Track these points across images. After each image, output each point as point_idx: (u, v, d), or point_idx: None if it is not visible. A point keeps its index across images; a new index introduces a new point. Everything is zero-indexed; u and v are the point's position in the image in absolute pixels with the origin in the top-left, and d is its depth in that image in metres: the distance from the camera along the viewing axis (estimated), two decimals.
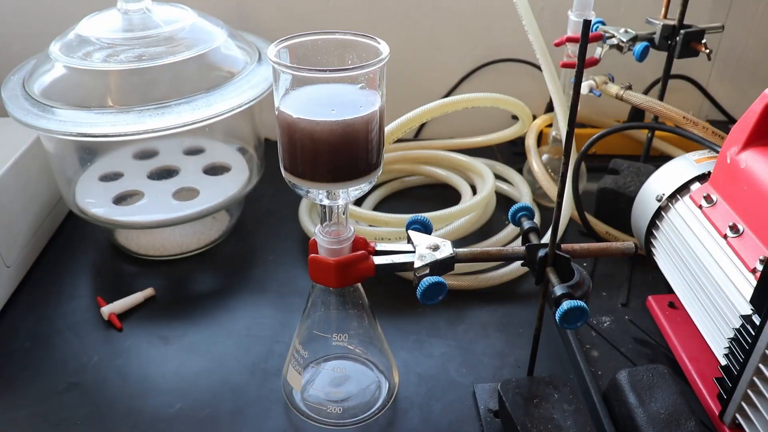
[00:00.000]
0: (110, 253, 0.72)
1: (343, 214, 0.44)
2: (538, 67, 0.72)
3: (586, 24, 0.36)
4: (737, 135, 0.51)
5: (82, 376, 0.56)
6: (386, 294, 0.65)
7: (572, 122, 0.39)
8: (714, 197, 0.54)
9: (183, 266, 0.70)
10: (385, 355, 0.53)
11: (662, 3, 0.71)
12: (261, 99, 0.63)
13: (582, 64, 0.37)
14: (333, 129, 0.39)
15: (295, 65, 0.38)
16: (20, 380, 0.56)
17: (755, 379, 0.45)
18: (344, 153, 0.40)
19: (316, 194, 0.42)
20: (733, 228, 0.50)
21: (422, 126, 0.92)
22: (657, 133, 0.81)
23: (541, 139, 0.84)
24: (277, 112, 0.41)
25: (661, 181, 0.60)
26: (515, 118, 0.78)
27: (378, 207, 0.79)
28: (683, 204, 0.57)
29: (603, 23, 0.70)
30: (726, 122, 0.93)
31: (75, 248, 0.72)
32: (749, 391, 0.45)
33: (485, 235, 0.72)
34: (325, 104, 0.39)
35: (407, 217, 0.49)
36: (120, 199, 0.69)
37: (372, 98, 0.40)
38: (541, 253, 0.45)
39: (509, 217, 0.51)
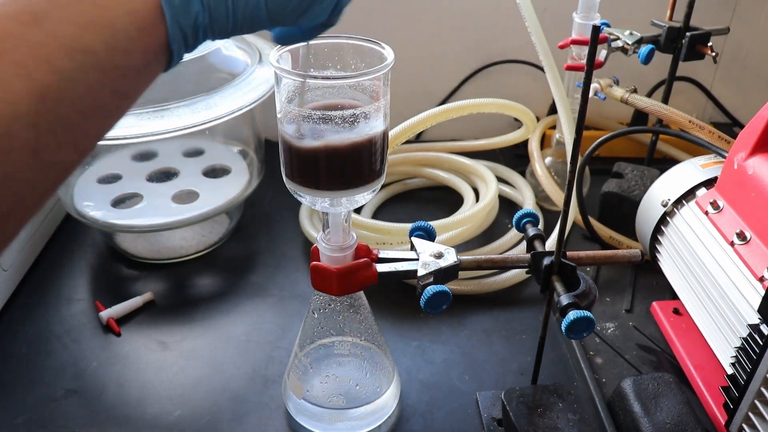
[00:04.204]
0: (108, 256, 0.71)
1: (346, 221, 0.44)
2: (541, 69, 0.71)
3: (595, 30, 0.35)
4: (745, 141, 0.51)
5: (80, 382, 0.55)
6: (387, 299, 0.64)
7: (580, 130, 0.38)
8: (720, 203, 0.53)
9: (182, 270, 0.69)
10: (388, 362, 0.52)
11: (667, 5, 0.70)
12: (262, 101, 0.62)
13: (590, 72, 0.36)
14: (336, 147, 0.38)
15: (297, 71, 0.38)
16: (17, 386, 0.55)
17: (762, 389, 0.44)
18: (347, 163, 0.39)
19: (318, 202, 0.41)
20: (740, 235, 0.49)
21: None
22: (661, 135, 0.81)
23: (544, 141, 0.84)
24: (278, 123, 0.40)
25: (666, 186, 0.60)
26: (518, 120, 0.78)
27: (379, 210, 0.79)
28: (689, 210, 0.56)
29: (608, 25, 0.69)
30: (730, 125, 0.93)
31: (73, 251, 0.71)
32: (756, 402, 0.45)
33: (488, 239, 0.72)
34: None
35: (409, 226, 0.49)
36: (118, 202, 0.68)
37: (376, 114, 0.39)
38: (547, 261, 0.45)
39: (513, 223, 0.50)
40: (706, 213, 0.54)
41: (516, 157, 0.87)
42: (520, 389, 0.50)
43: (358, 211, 0.75)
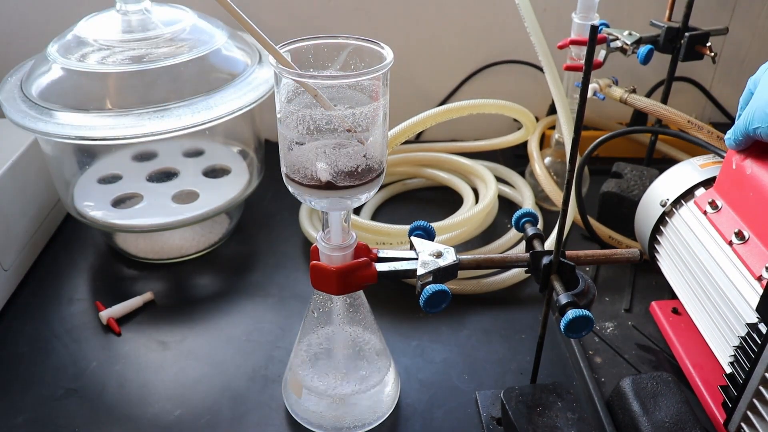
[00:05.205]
0: (109, 256, 0.71)
1: (345, 221, 0.44)
2: (541, 69, 0.71)
3: (594, 30, 0.35)
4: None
5: (80, 382, 0.55)
6: (387, 298, 0.65)
7: (578, 130, 0.38)
8: (719, 203, 0.53)
9: (182, 270, 0.69)
10: (387, 361, 0.52)
11: (666, 5, 0.70)
12: (262, 101, 0.62)
13: (589, 72, 0.36)
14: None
15: (297, 71, 0.38)
16: (17, 385, 0.55)
17: (761, 388, 0.44)
18: (347, 163, 0.39)
19: (318, 202, 0.41)
20: (739, 234, 0.50)
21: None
22: (660, 135, 0.81)
23: (543, 141, 0.84)
24: (278, 123, 0.40)
25: (665, 186, 0.60)
26: (518, 120, 0.78)
27: (379, 210, 0.79)
28: (688, 209, 0.57)
29: (607, 26, 0.69)
30: (729, 125, 0.92)
31: (73, 251, 0.72)
32: (755, 401, 0.45)
33: (487, 239, 0.72)
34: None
35: (408, 228, 0.49)
36: (119, 202, 0.68)
37: (375, 114, 0.39)
38: (546, 260, 0.45)
39: (513, 223, 0.50)
40: (705, 213, 0.54)
41: (515, 157, 0.87)
42: (519, 388, 0.50)
43: (357, 210, 0.75)
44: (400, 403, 0.54)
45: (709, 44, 0.68)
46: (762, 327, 0.44)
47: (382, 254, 0.47)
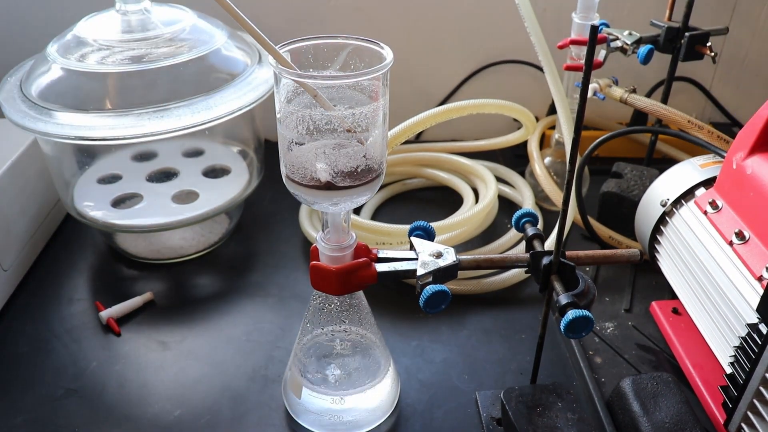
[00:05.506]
0: (108, 256, 0.71)
1: (345, 221, 0.44)
2: (541, 69, 0.71)
3: (594, 30, 0.35)
4: (743, 140, 0.51)
5: (80, 382, 0.55)
6: (387, 298, 0.65)
7: (578, 130, 0.38)
8: (719, 203, 0.53)
9: (182, 270, 0.69)
10: (387, 361, 0.52)
11: (666, 5, 0.70)
12: (262, 101, 0.62)
13: (589, 72, 0.36)
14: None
15: (296, 71, 0.38)
16: (17, 386, 0.55)
17: (761, 388, 0.44)
18: (345, 165, 0.39)
19: (317, 202, 0.41)
20: (739, 235, 0.50)
21: None
22: (660, 135, 0.81)
23: (543, 141, 0.84)
24: (278, 123, 0.40)
25: (665, 186, 0.60)
26: (518, 120, 0.78)
27: (379, 210, 0.79)
28: (688, 209, 0.57)
29: (607, 25, 0.69)
30: (729, 125, 0.93)
31: (73, 251, 0.72)
32: (755, 401, 0.45)
33: (487, 239, 0.72)
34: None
35: (408, 228, 0.49)
36: (118, 202, 0.68)
37: (375, 114, 0.39)
38: (546, 260, 0.45)
39: (513, 223, 0.50)
40: (705, 213, 0.54)
41: (515, 157, 0.87)
42: (519, 389, 0.50)
43: (357, 211, 0.75)
44: (400, 403, 0.54)
45: (709, 44, 0.68)
46: (762, 327, 0.44)
47: (382, 254, 0.47)
